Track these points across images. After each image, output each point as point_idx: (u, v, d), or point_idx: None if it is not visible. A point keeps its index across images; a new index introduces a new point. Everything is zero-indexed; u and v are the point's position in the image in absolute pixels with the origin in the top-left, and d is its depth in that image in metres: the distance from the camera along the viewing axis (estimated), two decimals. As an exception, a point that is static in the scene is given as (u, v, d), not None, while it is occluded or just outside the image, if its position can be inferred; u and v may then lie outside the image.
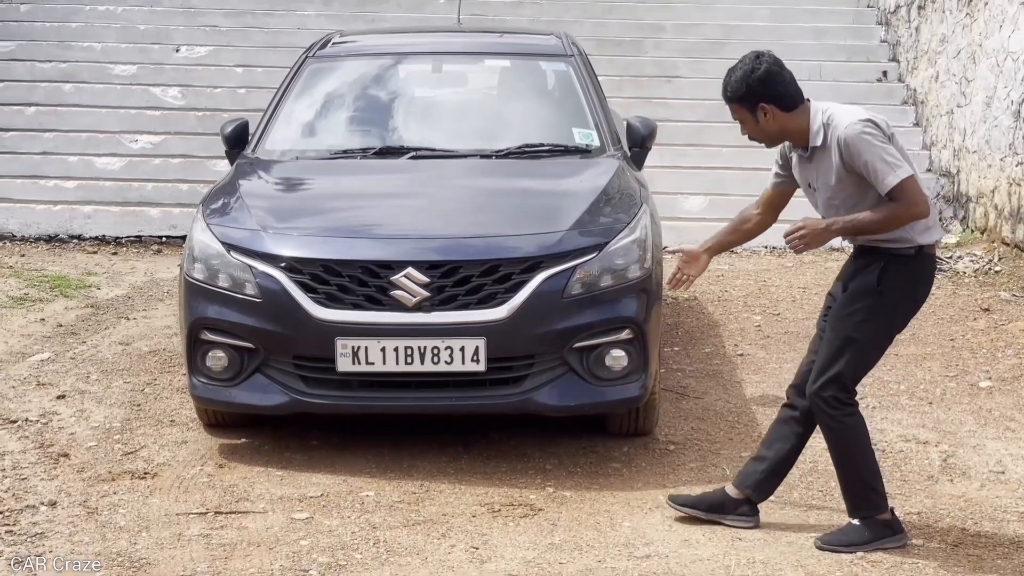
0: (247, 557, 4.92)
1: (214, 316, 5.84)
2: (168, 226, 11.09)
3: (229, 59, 12.92)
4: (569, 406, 5.84)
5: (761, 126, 4.97)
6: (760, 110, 4.93)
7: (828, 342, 5.02)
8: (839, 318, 5.00)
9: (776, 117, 4.93)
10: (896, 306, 4.98)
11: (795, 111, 4.93)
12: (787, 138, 5.02)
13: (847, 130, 4.81)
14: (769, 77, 4.91)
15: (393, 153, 6.92)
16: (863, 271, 4.98)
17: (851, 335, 4.96)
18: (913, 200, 4.80)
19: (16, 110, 12.13)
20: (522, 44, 8.31)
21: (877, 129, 4.83)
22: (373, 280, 5.69)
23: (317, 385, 5.79)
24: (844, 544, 5.04)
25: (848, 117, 4.86)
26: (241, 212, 6.17)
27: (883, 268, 4.92)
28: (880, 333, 5.01)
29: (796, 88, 4.95)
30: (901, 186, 4.78)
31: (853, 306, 4.97)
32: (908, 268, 4.94)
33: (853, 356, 4.97)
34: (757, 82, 4.90)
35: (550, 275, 5.75)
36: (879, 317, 4.96)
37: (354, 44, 8.11)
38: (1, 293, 8.93)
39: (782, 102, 4.92)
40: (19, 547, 4.95)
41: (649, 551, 5.02)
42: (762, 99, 4.91)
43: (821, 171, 4.96)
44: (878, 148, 4.79)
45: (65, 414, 6.51)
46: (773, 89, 4.91)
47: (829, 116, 4.90)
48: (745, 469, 5.31)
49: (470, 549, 5.02)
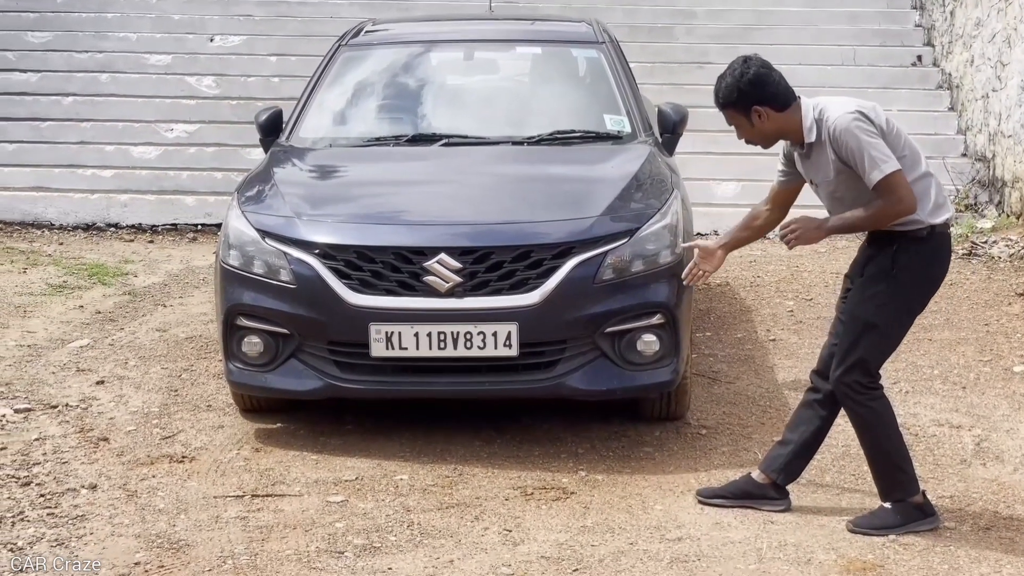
0: (283, 539, 4.99)
1: (249, 302, 5.91)
2: (203, 214, 11.19)
3: (263, 48, 13.00)
4: (601, 391, 5.88)
5: (757, 129, 5.00)
6: (754, 113, 4.96)
7: (848, 328, 5.03)
8: (857, 304, 5.02)
9: (771, 118, 4.96)
10: (913, 288, 4.99)
11: (788, 110, 4.96)
12: (783, 137, 5.05)
13: (836, 122, 4.85)
14: (759, 79, 4.94)
15: (425, 140, 6.96)
16: (878, 255, 4.99)
17: (871, 320, 4.98)
18: (898, 196, 4.82)
19: (53, 100, 12.25)
20: (553, 31, 8.33)
21: (867, 121, 4.85)
22: (406, 266, 5.74)
23: (351, 370, 5.84)
24: (876, 527, 5.06)
25: (838, 109, 4.88)
26: (275, 199, 6.23)
27: (897, 251, 4.94)
28: (899, 316, 5.03)
29: (787, 87, 4.98)
30: (885, 181, 4.80)
31: (870, 291, 4.99)
32: (922, 249, 4.95)
33: (874, 340, 5.00)
34: (748, 85, 4.93)
35: (582, 260, 5.78)
36: (897, 300, 4.98)
37: (386, 32, 8.15)
38: (40, 281, 9.04)
39: (775, 102, 4.95)
40: (60, 529, 5.04)
41: (681, 534, 5.06)
42: (755, 102, 4.94)
43: (820, 166, 4.99)
44: (865, 142, 4.81)
45: (104, 399, 6.60)
46: (764, 90, 4.94)
47: (820, 111, 4.93)
48: (771, 453, 5.34)
49: (503, 532, 5.07)
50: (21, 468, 5.64)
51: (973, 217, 10.85)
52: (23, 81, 12.44)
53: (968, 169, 11.30)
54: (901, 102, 12.22)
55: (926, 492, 5.19)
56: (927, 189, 4.95)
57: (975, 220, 10.74)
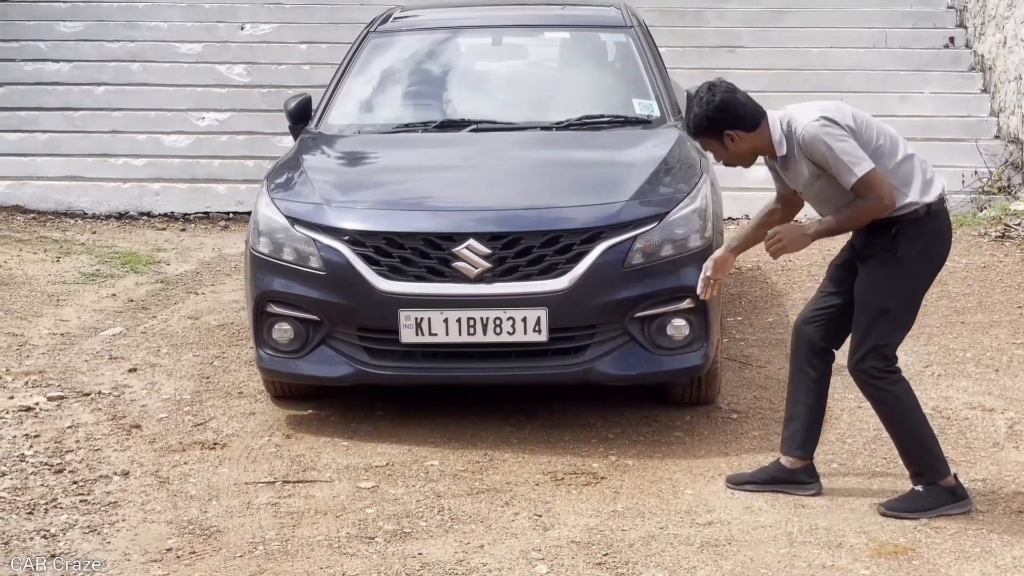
0: (314, 525, 5.01)
1: (279, 289, 5.93)
2: (235, 202, 11.23)
3: (293, 36, 13.02)
4: (631, 375, 5.88)
5: (732, 151, 5.04)
6: (726, 137, 5.00)
7: (860, 315, 5.04)
8: (865, 291, 5.03)
9: (743, 139, 5.00)
10: (917, 268, 5.02)
11: (758, 128, 4.99)
12: (759, 154, 5.09)
13: (804, 131, 4.88)
14: (725, 104, 4.98)
15: (454, 126, 6.96)
16: (878, 239, 5.00)
17: (881, 305, 4.99)
18: (877, 194, 4.86)
19: (86, 90, 12.32)
20: (582, 16, 8.31)
21: (833, 125, 4.88)
22: (435, 252, 5.74)
23: (381, 356, 5.85)
24: (907, 510, 5.04)
25: (804, 118, 4.91)
26: (305, 186, 6.25)
27: (897, 234, 4.96)
28: (908, 297, 5.04)
29: (754, 107, 5.02)
30: (862, 182, 4.85)
31: (877, 276, 5.01)
32: (920, 229, 4.97)
33: (887, 325, 5.01)
34: (716, 111, 4.97)
35: (611, 245, 5.77)
36: (904, 282, 5.00)
37: (415, 18, 8.15)
38: (74, 269, 9.09)
39: (744, 124, 4.99)
40: (93, 516, 5.07)
41: (711, 518, 5.05)
42: (725, 126, 4.99)
43: (798, 175, 5.03)
44: (836, 147, 4.84)
45: (136, 387, 6.64)
46: (732, 114, 4.98)
47: (788, 122, 4.96)
48: (785, 434, 5.32)
49: (533, 517, 5.08)
50: (54, 455, 5.69)
51: (1006, 199, 10.77)
52: (55, 71, 12.51)
53: (1001, 151, 11.21)
54: (933, 84, 12.14)
55: (958, 475, 5.17)
56: (912, 170, 4.98)
57: (1008, 202, 10.65)
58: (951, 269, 9.01)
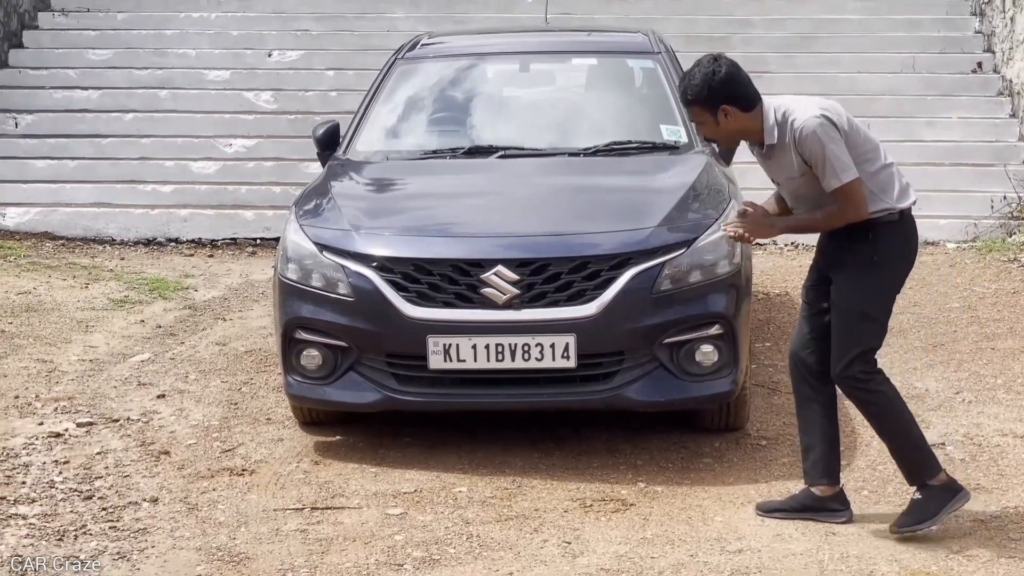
0: (343, 552, 5.00)
1: (308, 315, 5.93)
2: (262, 228, 11.27)
3: (320, 62, 13.08)
4: (659, 402, 5.86)
5: (721, 127, 5.05)
6: (721, 112, 5.01)
7: (842, 322, 5.06)
8: (846, 296, 5.05)
9: (736, 118, 5.01)
10: (895, 271, 5.10)
11: (753, 111, 5.01)
12: (744, 137, 5.11)
13: (803, 124, 4.90)
14: (730, 79, 4.99)
15: (482, 152, 6.97)
16: (855, 244, 5.03)
17: (864, 310, 5.03)
18: (853, 204, 4.94)
19: (115, 117, 12.39)
20: (609, 42, 8.33)
21: (832, 126, 4.92)
22: (464, 278, 5.75)
23: (409, 383, 5.85)
24: (919, 523, 5.05)
25: (804, 112, 4.94)
26: (333, 213, 6.26)
27: (875, 238, 5.00)
28: (887, 300, 5.12)
29: (754, 89, 5.04)
30: (843, 189, 4.91)
31: (856, 281, 5.04)
32: (896, 233, 5.05)
33: (870, 329, 5.06)
34: (719, 83, 4.98)
35: (639, 271, 5.76)
36: (884, 286, 5.07)
37: (442, 45, 8.18)
38: (102, 296, 9.13)
39: (742, 103, 5.00)
40: (122, 542, 5.07)
41: (741, 546, 5.02)
42: (723, 101, 4.99)
43: (783, 167, 5.05)
44: (829, 149, 4.89)
45: (165, 413, 6.65)
46: (734, 90, 4.99)
47: (784, 112, 4.98)
48: (806, 466, 5.30)
49: (562, 544, 5.06)
50: (84, 482, 5.70)
51: (1036, 225, 10.72)
52: (85, 98, 12.60)
53: (1031, 176, 11.16)
54: (961, 109, 12.10)
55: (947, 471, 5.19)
56: (891, 177, 5.06)
57: (1038, 228, 10.61)
58: (981, 295, 8.97)
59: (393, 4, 13.87)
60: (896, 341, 7.86)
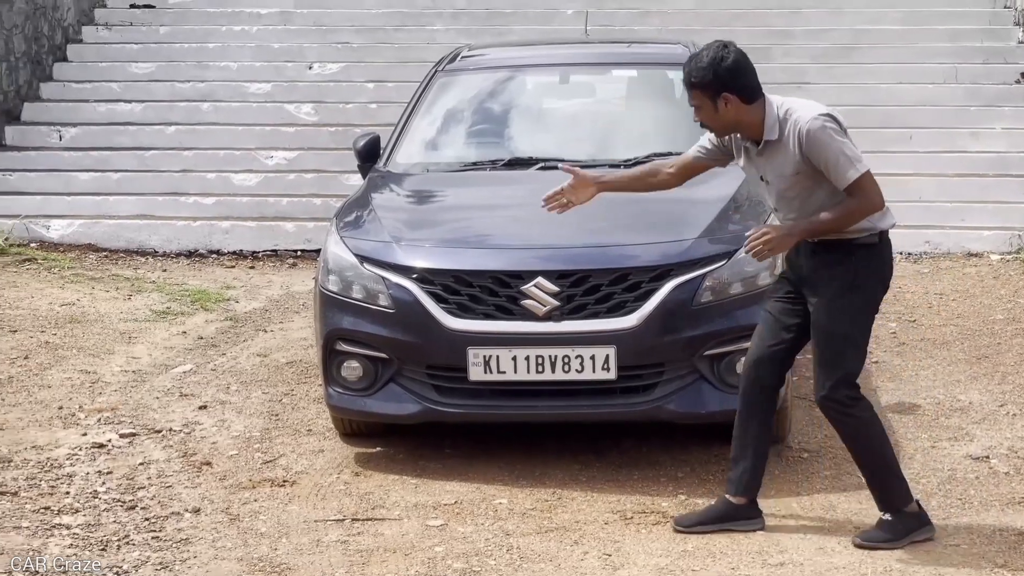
0: (384, 563, 5.00)
1: (349, 327, 5.96)
2: (303, 240, 11.31)
3: (360, 75, 13.13)
4: (700, 414, 5.84)
5: (720, 115, 5.02)
6: (722, 99, 4.98)
7: (824, 344, 5.05)
8: (828, 319, 5.03)
9: (736, 107, 4.98)
10: (874, 293, 5.09)
11: (754, 104, 4.98)
12: (739, 130, 5.06)
13: (810, 123, 4.88)
14: (737, 67, 4.97)
15: (522, 164, 6.98)
16: (835, 266, 5.02)
17: (847, 332, 5.03)
18: (870, 195, 4.91)
19: (157, 129, 12.48)
20: (649, 53, 8.32)
21: (836, 124, 4.92)
22: (503, 290, 5.75)
23: (450, 394, 5.86)
24: (883, 540, 5.05)
25: (809, 111, 4.93)
26: (373, 224, 6.28)
27: (856, 261, 5.00)
28: (869, 321, 5.12)
29: (758, 81, 5.02)
30: (859, 181, 4.89)
31: (838, 304, 5.02)
32: (875, 255, 5.04)
33: (854, 351, 5.06)
34: (725, 71, 4.96)
35: (680, 283, 5.76)
36: (865, 308, 5.07)
37: (482, 57, 8.20)
38: (145, 307, 9.19)
39: (744, 93, 4.98)
40: (165, 553, 5.10)
41: (783, 559, 4.99)
42: (726, 88, 4.96)
43: (775, 164, 5.01)
44: (838, 143, 4.89)
45: (207, 424, 6.69)
46: (739, 79, 4.97)
47: (787, 110, 4.96)
48: (730, 475, 5.29)
49: (603, 556, 5.05)
50: (127, 492, 5.74)
51: (1081, 237, 10.62)
52: (128, 111, 12.70)
53: (1074, 188, 11.06)
54: (1005, 120, 12.01)
55: (920, 501, 5.18)
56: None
57: (1083, 239, 10.51)
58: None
59: (433, 17, 13.92)
60: (939, 353, 7.81)
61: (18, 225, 11.25)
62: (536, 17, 13.75)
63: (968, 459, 6.07)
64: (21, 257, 10.59)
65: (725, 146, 5.22)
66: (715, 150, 5.27)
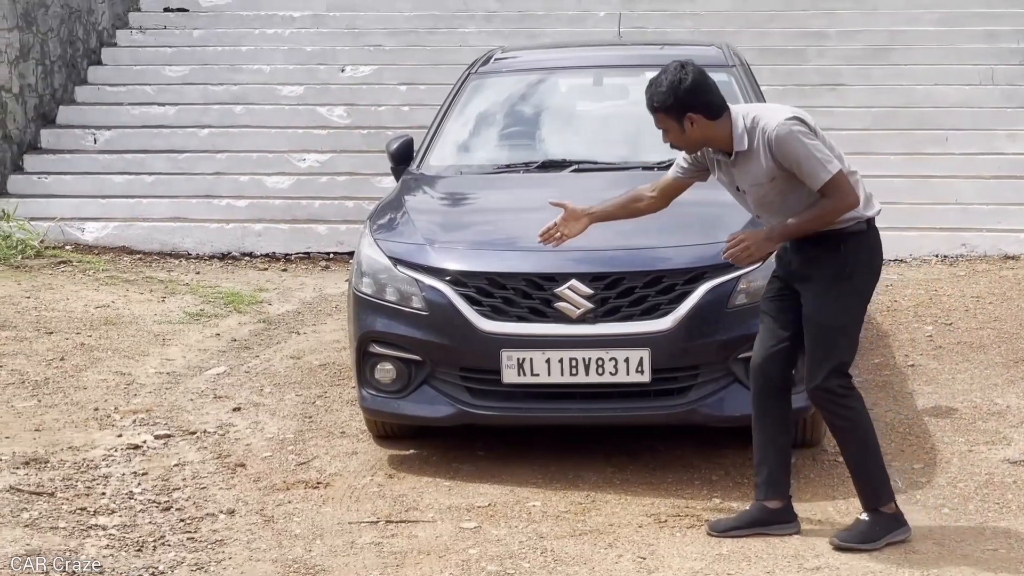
0: (418, 565, 5.00)
1: (382, 329, 5.96)
2: (335, 242, 11.33)
3: (393, 77, 13.15)
4: (735, 417, 5.80)
5: (687, 135, 5.04)
6: (687, 119, 4.99)
7: (818, 336, 5.04)
8: (819, 309, 5.03)
9: (701, 125, 5.00)
10: (866, 281, 5.09)
11: (720, 119, 4.99)
12: (709, 145, 5.08)
13: (777, 129, 4.88)
14: (696, 87, 4.98)
15: (555, 166, 6.97)
16: (826, 256, 5.01)
17: (840, 323, 5.02)
18: (844, 193, 4.91)
19: (190, 132, 12.54)
20: (683, 55, 8.24)
21: (805, 126, 4.92)
22: (537, 292, 5.74)
23: (483, 396, 5.85)
24: (860, 542, 5.05)
25: (776, 117, 4.93)
26: (407, 227, 6.28)
27: (846, 250, 4.99)
28: (860, 312, 5.11)
29: (721, 97, 5.03)
30: (833, 181, 4.89)
31: (830, 294, 5.01)
32: (864, 243, 5.04)
33: (846, 340, 5.06)
34: (685, 92, 4.96)
35: (714, 285, 5.73)
36: (858, 297, 5.06)
37: (515, 60, 8.19)
38: (179, 309, 9.23)
39: (708, 111, 4.99)
40: (200, 553, 5.12)
41: (819, 563, 4.96)
42: (689, 109, 4.97)
43: (750, 173, 5.01)
44: (808, 145, 4.88)
45: (241, 426, 6.70)
46: (701, 98, 4.98)
47: (754, 119, 4.96)
48: (758, 481, 5.28)
49: (637, 559, 5.03)
50: (162, 493, 5.75)
51: (1118, 237, 10.53)
52: (161, 114, 12.76)
53: (1112, 188, 10.97)
54: (1042, 121, 11.92)
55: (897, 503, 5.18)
56: (857, 184, 5.03)
57: (1121, 241, 10.41)
58: (1062, 309, 8.83)
59: (465, 19, 13.93)
60: (976, 356, 7.75)
61: (53, 227, 11.32)
62: (569, 19, 13.74)
63: (1006, 463, 6.02)
64: (56, 259, 10.66)
65: (700, 162, 5.24)
66: (692, 167, 5.29)
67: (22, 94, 12.30)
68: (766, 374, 5.20)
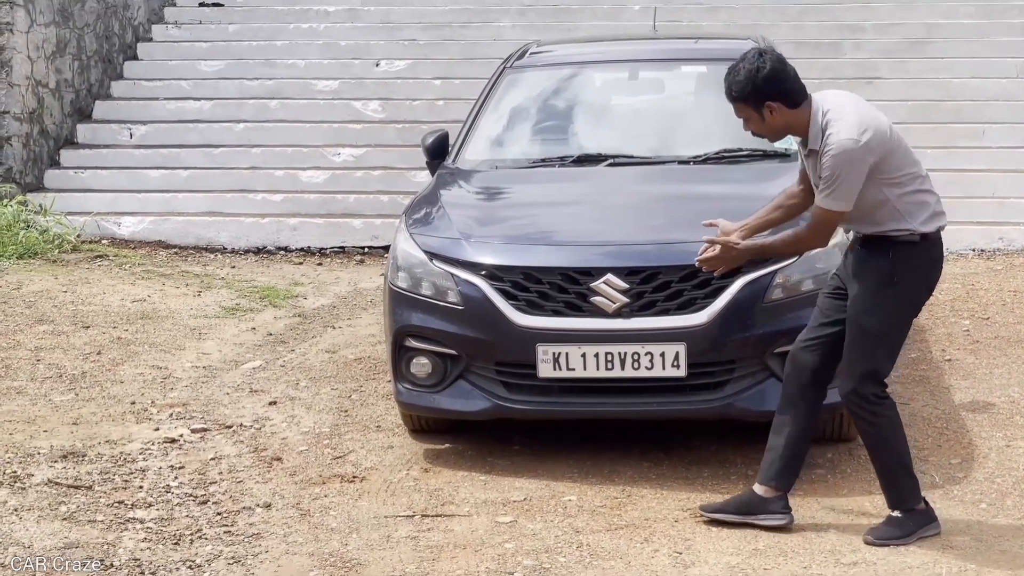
0: (454, 559, 5.01)
1: (418, 323, 5.97)
2: (370, 236, 11.35)
3: (427, 72, 13.16)
4: (771, 412, 5.73)
5: (768, 123, 5.00)
6: (766, 108, 4.96)
7: (857, 339, 5.00)
8: (863, 314, 4.99)
9: (782, 114, 4.96)
10: (914, 293, 5.04)
11: (799, 107, 4.95)
12: (791, 132, 5.05)
13: (838, 143, 4.82)
14: (775, 75, 4.93)
15: (591, 161, 6.95)
16: (874, 261, 4.98)
17: (882, 330, 4.98)
18: (821, 231, 4.98)
19: (226, 127, 12.59)
20: (718, 49, 8.25)
21: (864, 155, 4.81)
22: (573, 287, 5.73)
23: (519, 391, 5.86)
24: (894, 537, 5.03)
25: (846, 129, 4.84)
26: (443, 221, 6.29)
27: (895, 258, 4.95)
28: (905, 321, 5.07)
29: (800, 84, 4.98)
30: (825, 213, 4.90)
31: (874, 300, 4.98)
32: (916, 254, 4.98)
33: (886, 349, 5.01)
34: (763, 81, 4.92)
35: (750, 280, 5.71)
36: (902, 307, 5.01)
37: (551, 54, 8.18)
38: (214, 304, 9.27)
39: (787, 99, 4.94)
40: (237, 547, 5.14)
41: (856, 558, 4.94)
42: (768, 97, 4.93)
43: (816, 170, 4.98)
44: (843, 173, 4.82)
45: (277, 420, 6.73)
46: (779, 86, 4.93)
47: (827, 122, 4.90)
48: (762, 463, 5.25)
49: (673, 554, 5.02)
50: (199, 487, 5.78)
51: None
52: (197, 109, 12.82)
53: None
54: (1080, 114, 11.83)
55: (926, 499, 5.16)
56: (922, 204, 5.00)
57: None
58: (1101, 304, 8.75)
59: (500, 13, 13.93)
60: (1014, 351, 7.70)
61: (90, 222, 11.39)
62: (603, 13, 13.72)
63: (1044, 459, 5.99)
64: (93, 254, 10.72)
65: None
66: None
67: (59, 89, 12.39)
68: (797, 364, 5.19)
